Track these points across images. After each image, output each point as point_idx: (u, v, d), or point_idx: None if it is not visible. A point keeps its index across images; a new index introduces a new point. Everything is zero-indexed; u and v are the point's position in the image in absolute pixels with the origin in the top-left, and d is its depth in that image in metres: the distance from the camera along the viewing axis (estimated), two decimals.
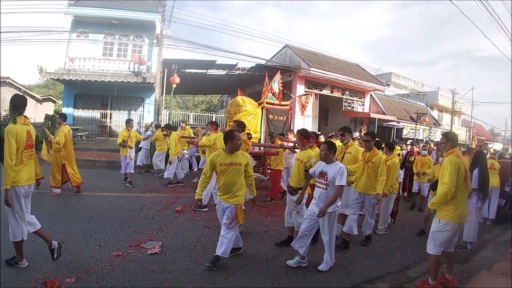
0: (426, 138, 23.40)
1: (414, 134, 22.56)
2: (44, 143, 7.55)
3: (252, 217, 6.37)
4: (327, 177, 4.05)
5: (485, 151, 10.83)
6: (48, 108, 24.02)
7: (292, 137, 8.50)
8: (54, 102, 26.78)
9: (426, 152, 8.55)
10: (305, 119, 18.21)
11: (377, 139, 5.67)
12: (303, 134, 5.06)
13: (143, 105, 18.09)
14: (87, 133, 16.58)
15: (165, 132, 9.84)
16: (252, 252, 4.58)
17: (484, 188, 5.41)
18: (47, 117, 17.67)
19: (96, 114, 17.70)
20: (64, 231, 4.83)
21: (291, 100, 11.61)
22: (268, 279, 3.80)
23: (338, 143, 11.68)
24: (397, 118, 21.58)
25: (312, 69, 17.46)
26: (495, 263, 4.81)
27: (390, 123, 21.09)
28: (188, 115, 18.27)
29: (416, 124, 22.91)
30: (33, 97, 24.06)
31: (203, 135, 7.65)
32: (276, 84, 10.69)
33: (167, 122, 16.11)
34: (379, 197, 5.18)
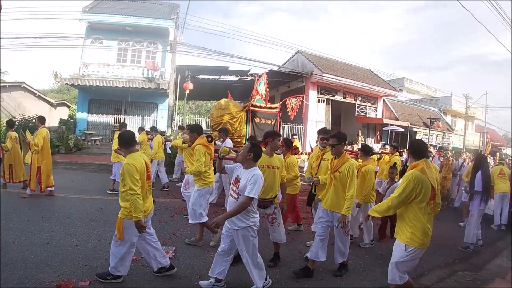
0: (439, 143, 23.12)
1: (427, 139, 22.25)
2: (22, 146, 7.70)
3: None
4: (239, 185, 3.34)
5: (489, 156, 10.63)
6: (62, 113, 24.46)
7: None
8: (68, 106, 27.32)
9: None
10: (317, 125, 18.18)
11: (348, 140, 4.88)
12: (265, 135, 4.46)
13: (157, 111, 18.34)
14: (101, 137, 16.84)
15: (150, 136, 9.56)
16: (262, 257, 4.54)
17: (487, 190, 5.43)
18: (62, 121, 18.04)
19: (110, 119, 18.00)
20: (78, 234, 4.90)
21: (280, 102, 11.18)
22: (280, 284, 3.80)
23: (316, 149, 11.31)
24: (410, 124, 21.34)
25: (324, 75, 17.48)
26: (509, 271, 4.75)
27: (389, 127, 20.80)
28: (201, 121, 18.38)
29: (429, 130, 22.62)
30: (48, 102, 24.58)
31: (177, 136, 7.20)
32: (262, 86, 9.96)
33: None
34: (344, 219, 3.96)
